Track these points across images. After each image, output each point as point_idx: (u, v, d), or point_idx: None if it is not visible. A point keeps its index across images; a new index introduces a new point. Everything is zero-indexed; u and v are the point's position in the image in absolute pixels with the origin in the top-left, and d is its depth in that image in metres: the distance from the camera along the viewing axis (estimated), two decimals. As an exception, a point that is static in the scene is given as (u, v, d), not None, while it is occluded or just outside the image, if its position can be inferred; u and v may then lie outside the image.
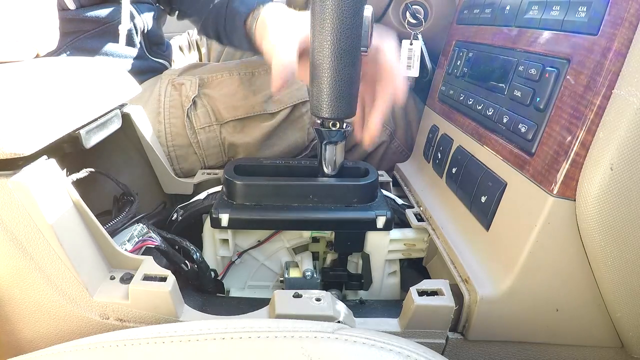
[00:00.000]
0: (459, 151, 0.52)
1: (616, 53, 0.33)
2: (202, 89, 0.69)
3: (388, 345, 0.27)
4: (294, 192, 0.50)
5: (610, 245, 0.35)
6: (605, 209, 0.33)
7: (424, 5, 0.72)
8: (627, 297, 0.37)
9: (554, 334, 0.41)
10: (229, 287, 0.55)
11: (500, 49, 0.48)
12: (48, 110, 0.40)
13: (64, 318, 0.40)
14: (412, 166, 0.68)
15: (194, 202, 0.55)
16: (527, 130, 0.40)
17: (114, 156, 0.59)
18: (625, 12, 0.33)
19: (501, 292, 0.39)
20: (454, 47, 0.60)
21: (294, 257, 0.54)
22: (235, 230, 0.51)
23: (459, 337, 0.42)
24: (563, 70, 0.38)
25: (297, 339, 0.28)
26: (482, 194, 0.44)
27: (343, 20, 0.40)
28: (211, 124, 0.67)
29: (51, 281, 0.38)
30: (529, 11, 0.44)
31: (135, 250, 0.46)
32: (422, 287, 0.41)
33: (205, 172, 0.65)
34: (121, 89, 0.53)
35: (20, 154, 0.35)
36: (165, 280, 0.39)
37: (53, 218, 0.37)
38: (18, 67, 0.45)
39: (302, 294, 0.40)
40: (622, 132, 0.32)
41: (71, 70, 0.47)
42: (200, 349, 0.28)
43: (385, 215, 0.49)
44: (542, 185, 0.37)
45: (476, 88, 0.51)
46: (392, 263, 0.54)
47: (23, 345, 0.41)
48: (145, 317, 0.40)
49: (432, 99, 0.65)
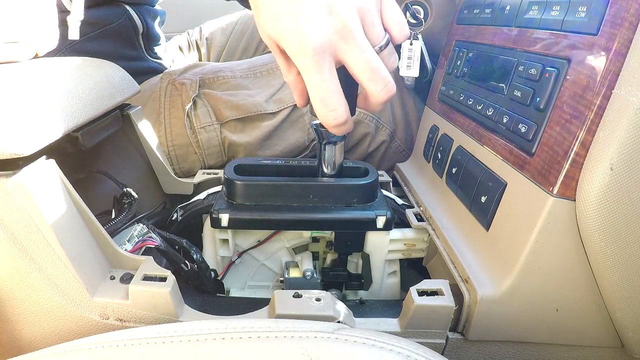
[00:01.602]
0: (459, 151, 0.52)
1: (616, 53, 0.33)
2: (202, 89, 0.69)
3: (388, 345, 0.27)
4: (294, 192, 0.50)
5: (610, 245, 0.35)
6: (605, 209, 0.33)
7: (424, 5, 0.72)
8: (627, 297, 0.37)
9: (554, 334, 0.41)
10: (229, 287, 0.55)
11: (500, 49, 0.48)
12: (48, 111, 0.40)
13: (64, 318, 0.40)
14: (412, 166, 0.68)
15: (194, 202, 0.55)
16: (527, 130, 0.40)
17: (114, 156, 0.59)
18: (625, 12, 0.33)
19: (501, 292, 0.39)
20: (454, 47, 0.60)
21: (294, 257, 0.54)
22: (235, 230, 0.51)
23: (459, 337, 0.42)
24: (563, 70, 0.38)
25: (297, 339, 0.28)
26: (482, 194, 0.44)
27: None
28: (211, 124, 0.67)
29: (51, 281, 0.38)
30: (529, 11, 0.44)
31: (135, 250, 0.46)
32: (422, 287, 0.41)
33: (205, 172, 0.65)
34: (121, 89, 0.53)
35: (20, 154, 0.35)
36: (165, 280, 0.39)
37: (53, 218, 0.37)
38: (18, 67, 0.45)
39: (302, 294, 0.40)
40: (622, 132, 0.32)
41: (71, 70, 0.47)
42: (200, 349, 0.28)
43: (385, 215, 0.49)
44: (542, 185, 0.37)
45: (476, 88, 0.51)
46: (392, 263, 0.54)
47: (23, 345, 0.41)
48: (145, 317, 0.40)
49: (432, 99, 0.65)
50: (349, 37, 0.35)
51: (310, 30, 0.35)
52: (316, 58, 0.36)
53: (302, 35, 0.35)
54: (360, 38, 0.36)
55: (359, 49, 0.36)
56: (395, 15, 0.39)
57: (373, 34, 0.37)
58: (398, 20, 0.39)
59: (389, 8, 0.38)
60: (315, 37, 0.35)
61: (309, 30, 0.35)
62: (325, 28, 0.35)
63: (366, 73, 0.37)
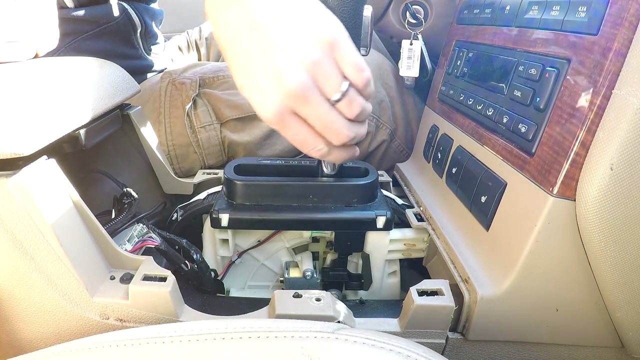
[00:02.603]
0: (459, 151, 0.52)
1: (616, 53, 0.33)
2: (202, 88, 0.69)
3: (388, 345, 0.27)
4: (294, 192, 0.50)
5: (610, 245, 0.35)
6: (605, 209, 0.33)
7: (424, 5, 0.72)
8: (627, 297, 0.37)
9: (553, 334, 0.41)
10: (229, 287, 0.55)
11: (500, 49, 0.48)
12: (48, 110, 0.40)
13: (64, 318, 0.40)
14: (412, 166, 0.68)
15: (194, 202, 0.55)
16: (527, 130, 0.40)
17: (114, 156, 0.59)
18: (625, 12, 0.33)
19: (501, 292, 0.39)
20: (453, 47, 0.60)
21: (294, 257, 0.54)
22: (235, 230, 0.51)
23: (459, 337, 0.42)
24: (563, 70, 0.38)
25: (297, 339, 0.28)
26: (482, 194, 0.44)
27: (343, 20, 0.40)
28: (211, 123, 0.67)
29: (51, 281, 0.38)
30: (529, 11, 0.44)
31: (135, 250, 0.46)
32: (422, 287, 0.41)
33: (205, 172, 0.65)
34: (121, 89, 0.53)
35: (20, 154, 0.35)
36: (165, 280, 0.39)
37: (53, 218, 0.37)
38: (18, 67, 0.45)
39: (302, 294, 0.40)
40: (622, 132, 0.32)
41: (71, 70, 0.47)
42: (200, 349, 0.28)
43: (385, 215, 0.49)
44: (542, 185, 0.37)
45: (476, 88, 0.51)
46: (392, 263, 0.54)
47: (23, 345, 0.41)
48: (145, 317, 0.40)
49: (432, 99, 0.65)
50: (300, 99, 0.36)
51: (263, 101, 0.37)
52: (277, 121, 0.37)
53: (259, 106, 0.37)
54: (312, 97, 0.36)
55: (311, 108, 0.37)
56: (349, 60, 0.37)
57: (327, 87, 0.37)
58: (353, 65, 0.37)
59: (343, 54, 0.37)
60: (268, 108, 0.36)
61: (263, 101, 0.37)
62: (277, 97, 0.36)
63: (319, 128, 0.38)
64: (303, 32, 0.36)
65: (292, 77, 0.35)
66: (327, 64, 0.36)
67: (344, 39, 0.37)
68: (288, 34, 0.35)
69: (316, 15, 0.37)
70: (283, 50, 0.35)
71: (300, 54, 0.35)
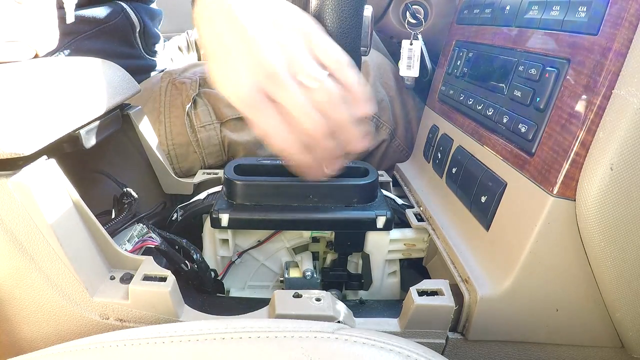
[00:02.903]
0: (459, 151, 0.52)
1: (616, 53, 0.33)
2: (202, 88, 0.69)
3: (388, 345, 0.27)
4: (294, 192, 0.50)
5: (610, 245, 0.35)
6: (605, 209, 0.33)
7: (424, 5, 0.72)
8: (627, 297, 0.37)
9: (553, 334, 0.41)
10: (229, 287, 0.55)
11: (500, 49, 0.48)
12: (48, 110, 0.40)
13: (64, 318, 0.40)
14: (412, 166, 0.68)
15: (194, 202, 0.55)
16: (527, 130, 0.40)
17: (114, 156, 0.59)
18: (625, 12, 0.33)
19: (501, 292, 0.39)
20: (453, 47, 0.60)
21: (294, 257, 0.54)
22: (235, 230, 0.51)
23: (459, 337, 0.42)
24: (563, 70, 0.38)
25: (297, 339, 0.28)
26: (482, 194, 0.44)
27: (343, 20, 0.40)
28: (211, 123, 0.67)
29: (51, 281, 0.38)
30: (529, 11, 0.44)
31: (135, 250, 0.46)
32: (422, 287, 0.41)
33: (205, 172, 0.65)
34: (121, 89, 0.53)
35: (20, 154, 0.35)
36: (165, 281, 0.39)
37: (53, 218, 0.37)
38: (17, 67, 0.45)
39: (302, 294, 0.40)
40: (622, 132, 0.32)
41: (71, 70, 0.47)
42: (200, 349, 0.28)
43: (385, 215, 0.49)
44: (542, 185, 0.37)
45: (476, 88, 0.51)
46: (392, 263, 0.54)
47: (23, 345, 0.41)
48: (145, 317, 0.40)
49: (432, 99, 0.65)
50: (273, 77, 0.37)
51: (235, 81, 0.37)
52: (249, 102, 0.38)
53: (231, 87, 0.38)
54: (285, 78, 0.37)
55: (284, 89, 0.37)
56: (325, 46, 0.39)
57: (302, 72, 0.38)
58: (328, 50, 0.39)
59: (318, 41, 0.39)
60: (241, 87, 0.37)
61: (235, 81, 0.37)
62: (250, 75, 0.37)
63: (296, 113, 0.38)
64: (280, 24, 0.38)
65: (266, 55, 0.36)
66: (303, 50, 0.38)
67: (319, 31, 0.39)
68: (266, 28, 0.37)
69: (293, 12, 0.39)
70: (260, 41, 0.37)
71: (275, 39, 0.37)
